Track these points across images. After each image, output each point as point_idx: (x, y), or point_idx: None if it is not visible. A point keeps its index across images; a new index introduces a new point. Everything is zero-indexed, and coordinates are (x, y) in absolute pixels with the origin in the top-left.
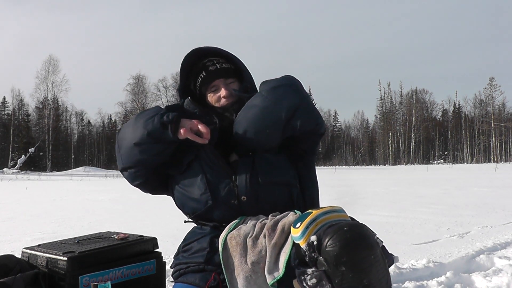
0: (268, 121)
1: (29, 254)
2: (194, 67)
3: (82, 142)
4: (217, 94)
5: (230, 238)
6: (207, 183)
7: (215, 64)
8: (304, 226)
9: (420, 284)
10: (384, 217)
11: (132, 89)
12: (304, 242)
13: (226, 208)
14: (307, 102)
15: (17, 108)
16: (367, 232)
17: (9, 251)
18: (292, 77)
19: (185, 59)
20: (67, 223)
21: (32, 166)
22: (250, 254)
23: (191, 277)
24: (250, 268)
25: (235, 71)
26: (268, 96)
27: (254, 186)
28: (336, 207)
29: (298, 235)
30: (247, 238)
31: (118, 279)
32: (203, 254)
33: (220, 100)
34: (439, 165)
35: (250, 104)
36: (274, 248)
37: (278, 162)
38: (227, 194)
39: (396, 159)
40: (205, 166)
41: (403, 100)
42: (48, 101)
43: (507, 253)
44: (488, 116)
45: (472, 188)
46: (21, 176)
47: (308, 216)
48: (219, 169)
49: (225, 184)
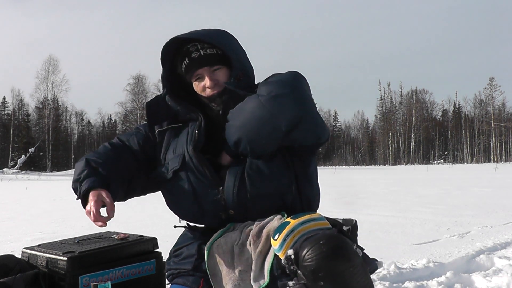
0: (264, 133)
1: (29, 254)
2: (179, 51)
3: (82, 142)
4: (202, 83)
5: (217, 246)
6: (194, 194)
7: (199, 49)
8: (282, 238)
9: (420, 284)
10: (384, 217)
11: (132, 89)
12: (282, 254)
13: (214, 219)
14: (311, 114)
15: (17, 108)
16: (344, 243)
17: (9, 251)
18: (298, 78)
19: (165, 47)
20: (67, 223)
21: (32, 166)
22: (237, 262)
23: (184, 279)
24: (238, 276)
25: (222, 56)
26: (267, 105)
27: (242, 200)
28: (315, 214)
29: (277, 248)
30: (234, 245)
31: (118, 279)
32: (191, 261)
33: (205, 90)
34: (439, 165)
35: (245, 108)
36: (259, 256)
37: (271, 170)
38: (215, 207)
39: (396, 159)
40: (191, 176)
41: (403, 100)
42: (48, 101)
43: (507, 253)
44: (488, 116)
45: (472, 188)
46: (21, 176)
47: (286, 227)
48: (206, 180)
49: (212, 196)
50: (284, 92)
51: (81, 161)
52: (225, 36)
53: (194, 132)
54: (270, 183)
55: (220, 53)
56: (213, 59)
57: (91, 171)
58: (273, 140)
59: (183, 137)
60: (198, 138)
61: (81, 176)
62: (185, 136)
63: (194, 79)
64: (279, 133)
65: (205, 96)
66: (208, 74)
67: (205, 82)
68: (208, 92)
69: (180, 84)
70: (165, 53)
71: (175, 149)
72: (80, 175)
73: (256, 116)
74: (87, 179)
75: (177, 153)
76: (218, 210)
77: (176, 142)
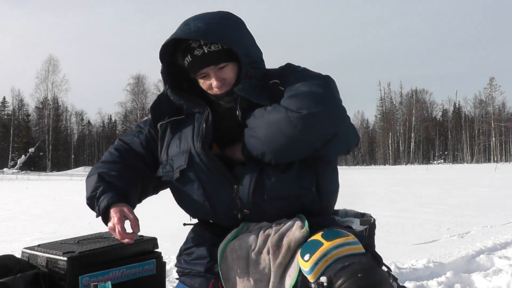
0: (292, 150)
1: (29, 254)
2: (179, 45)
3: (82, 142)
4: (208, 81)
5: (231, 250)
6: (205, 193)
7: (202, 46)
8: (314, 261)
9: (420, 284)
10: (384, 217)
11: (132, 89)
12: (312, 278)
13: (228, 218)
14: (345, 130)
15: (17, 108)
16: (382, 278)
17: (9, 251)
18: (330, 88)
19: (163, 47)
20: (67, 223)
21: (32, 166)
22: (253, 270)
23: (192, 279)
24: (253, 285)
25: (228, 50)
26: (298, 125)
27: (258, 201)
28: (349, 237)
29: (307, 270)
30: (250, 251)
31: (118, 279)
32: (203, 262)
33: (211, 89)
34: (439, 165)
35: (271, 120)
36: (279, 268)
37: (291, 173)
38: (228, 206)
39: (396, 159)
40: (201, 175)
41: (403, 100)
42: (48, 101)
43: (507, 253)
44: (488, 116)
45: (472, 188)
46: (21, 176)
47: (318, 250)
48: (218, 178)
49: (226, 195)
50: (317, 111)
51: (93, 176)
52: (229, 26)
53: (201, 127)
54: (290, 186)
55: (225, 48)
56: (218, 56)
57: (107, 186)
58: (301, 155)
59: (188, 131)
60: (206, 133)
61: (96, 193)
62: (191, 130)
63: (199, 77)
64: (308, 150)
65: (212, 94)
66: (214, 73)
67: (211, 82)
68: (215, 92)
69: (183, 76)
70: (164, 49)
71: (179, 144)
72: (96, 192)
73: (285, 133)
74: (105, 195)
75: (181, 149)
76: (232, 209)
77: (180, 136)
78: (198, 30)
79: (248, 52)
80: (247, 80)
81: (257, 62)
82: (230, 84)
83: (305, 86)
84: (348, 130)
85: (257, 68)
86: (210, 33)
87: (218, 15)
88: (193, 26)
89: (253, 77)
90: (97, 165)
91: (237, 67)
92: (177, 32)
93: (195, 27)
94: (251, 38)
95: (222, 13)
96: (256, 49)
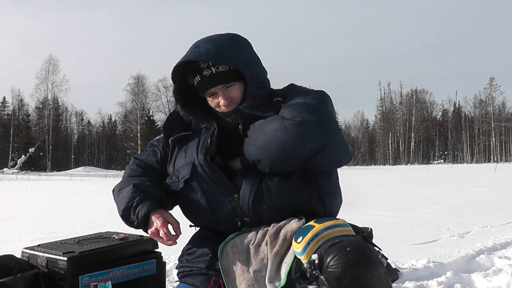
0: (284, 157)
1: (29, 254)
2: (190, 65)
3: (82, 142)
4: (216, 100)
5: (232, 245)
6: (208, 202)
7: (210, 67)
8: (306, 242)
9: (420, 284)
10: (384, 217)
11: (132, 89)
12: (305, 258)
13: (229, 226)
14: (334, 142)
15: (17, 108)
16: (370, 252)
17: (9, 251)
18: (324, 101)
19: (175, 70)
20: (67, 223)
21: (32, 166)
22: (252, 262)
23: (193, 278)
24: (253, 276)
25: (236, 71)
26: (291, 130)
27: (258, 210)
28: (339, 220)
29: (299, 251)
30: (250, 245)
31: (118, 279)
32: (205, 259)
33: (219, 107)
34: (439, 165)
35: (267, 128)
36: (275, 256)
37: (289, 184)
38: (229, 214)
39: (396, 159)
40: (204, 184)
41: (403, 100)
42: (48, 101)
43: (507, 253)
44: (488, 116)
45: (472, 188)
46: (21, 176)
47: (310, 231)
48: (220, 187)
49: (227, 204)
50: (309, 119)
51: (126, 188)
52: (236, 47)
53: (206, 140)
54: (288, 198)
55: (232, 69)
56: (226, 77)
57: (143, 195)
58: (293, 164)
59: (194, 145)
60: (210, 145)
61: (133, 202)
62: (196, 143)
63: (208, 95)
64: (299, 159)
65: (219, 112)
66: (222, 92)
67: (219, 100)
68: (223, 110)
69: (193, 93)
70: (175, 70)
71: (184, 156)
72: (133, 201)
73: (278, 139)
74: (143, 204)
75: (186, 160)
76: (233, 217)
77: (186, 150)
78: (207, 52)
79: (254, 72)
80: (252, 98)
81: (262, 82)
82: (236, 102)
83: (301, 98)
84: (339, 142)
85: (262, 87)
86: (219, 55)
87: (227, 37)
88: (203, 49)
89: (258, 96)
90: (124, 180)
91: (243, 86)
92: (188, 55)
93: (204, 49)
94: (257, 59)
95: (230, 36)
96: (262, 69)
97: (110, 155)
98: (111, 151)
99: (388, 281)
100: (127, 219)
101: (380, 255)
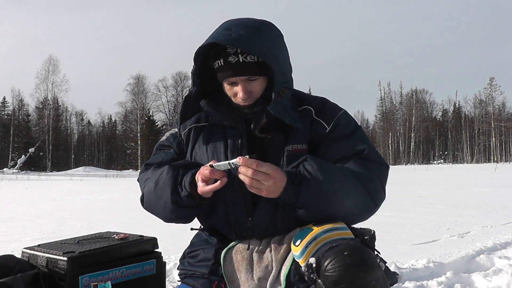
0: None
1: (29, 254)
2: (214, 45)
3: (82, 142)
4: (234, 89)
5: (236, 252)
6: (226, 213)
7: (238, 54)
8: (304, 245)
9: (420, 284)
10: (384, 217)
11: (132, 89)
12: (303, 261)
13: (237, 237)
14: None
15: (17, 108)
16: (368, 256)
17: (9, 251)
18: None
19: (199, 51)
20: (67, 223)
21: (32, 166)
22: (256, 269)
23: (195, 280)
24: (257, 284)
25: (263, 64)
26: (365, 212)
27: (270, 234)
28: (338, 223)
29: (297, 254)
30: (253, 252)
31: (118, 279)
32: (207, 264)
33: (235, 97)
34: (439, 165)
35: (346, 194)
36: (279, 262)
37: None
38: (242, 229)
39: (396, 159)
40: (227, 196)
41: (403, 100)
42: (48, 101)
43: (507, 253)
44: (488, 116)
45: (472, 188)
46: (21, 176)
47: (308, 234)
48: (240, 207)
49: (242, 221)
50: (376, 208)
51: (165, 171)
52: (269, 37)
53: (236, 143)
54: (300, 221)
55: (260, 61)
56: (253, 69)
57: (183, 169)
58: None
59: (220, 145)
60: (242, 149)
61: (178, 178)
62: (222, 144)
63: (227, 82)
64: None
65: (235, 102)
66: (243, 84)
67: (237, 91)
68: (239, 101)
69: (210, 77)
70: (199, 50)
71: (207, 152)
72: (176, 179)
73: (353, 212)
74: (186, 175)
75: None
76: (244, 232)
77: (209, 145)
78: (239, 38)
79: (282, 70)
80: (279, 98)
81: (288, 82)
82: (255, 97)
83: (374, 175)
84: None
85: (288, 88)
86: (251, 44)
87: (262, 25)
88: (234, 32)
89: (284, 96)
90: (150, 174)
91: (266, 82)
92: (217, 37)
93: (236, 33)
94: (287, 55)
95: (265, 24)
96: (289, 66)
97: (110, 155)
98: (111, 151)
99: (387, 285)
100: (176, 202)
101: (378, 259)
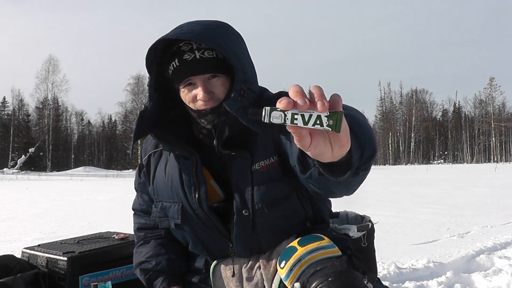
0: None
1: (29, 254)
2: (168, 48)
3: (82, 142)
4: (193, 92)
5: (225, 267)
6: (200, 241)
7: (194, 50)
8: (288, 268)
9: (420, 284)
10: (384, 217)
11: (132, 89)
12: (289, 284)
13: (222, 256)
14: None
15: (17, 108)
16: (354, 280)
17: (9, 251)
18: None
19: (151, 50)
20: (67, 223)
21: (32, 166)
22: (246, 287)
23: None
24: None
25: (223, 61)
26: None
27: (254, 250)
28: (323, 241)
29: (283, 277)
30: (242, 268)
31: (118, 279)
32: (198, 275)
33: (195, 101)
34: (439, 165)
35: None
36: (270, 280)
37: (284, 221)
38: (224, 252)
39: (396, 159)
40: (197, 228)
41: (403, 100)
42: (48, 101)
43: (507, 253)
44: (488, 116)
45: (472, 188)
46: (21, 176)
47: (293, 256)
48: (218, 238)
49: (224, 248)
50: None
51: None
52: (227, 35)
53: (192, 179)
54: (283, 234)
55: (220, 58)
56: (211, 65)
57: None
58: None
59: (176, 176)
60: (199, 187)
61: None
62: (177, 175)
63: (183, 85)
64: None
65: (193, 109)
66: (202, 83)
67: (197, 93)
68: (199, 105)
69: (168, 92)
70: (152, 55)
71: (169, 191)
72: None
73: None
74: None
75: (172, 197)
76: (226, 252)
77: (166, 176)
78: (191, 32)
79: (244, 69)
80: (240, 98)
81: (251, 83)
82: (218, 99)
83: None
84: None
85: (251, 90)
86: (205, 35)
87: (217, 23)
88: (186, 28)
89: (245, 97)
90: (144, 258)
91: (229, 83)
92: (167, 34)
93: (188, 29)
94: (249, 56)
95: (221, 22)
96: (253, 69)
97: (110, 155)
98: (111, 151)
99: None
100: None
101: (365, 280)
